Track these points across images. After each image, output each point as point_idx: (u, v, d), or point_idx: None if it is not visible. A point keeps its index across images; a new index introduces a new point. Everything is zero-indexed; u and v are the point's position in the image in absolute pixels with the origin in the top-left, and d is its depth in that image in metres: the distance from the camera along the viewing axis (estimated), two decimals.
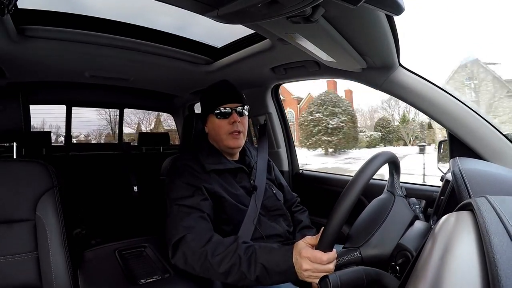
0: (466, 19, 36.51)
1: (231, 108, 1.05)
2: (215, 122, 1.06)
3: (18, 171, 0.95)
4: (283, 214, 1.12)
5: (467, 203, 0.42)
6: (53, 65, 1.41)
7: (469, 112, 1.00)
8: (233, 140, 1.05)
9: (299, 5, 0.54)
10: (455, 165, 0.73)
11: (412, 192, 1.19)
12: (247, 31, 1.16)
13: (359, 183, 0.60)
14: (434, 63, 6.36)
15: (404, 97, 1.09)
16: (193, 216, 0.89)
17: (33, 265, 0.91)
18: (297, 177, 1.83)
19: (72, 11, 1.10)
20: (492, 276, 0.26)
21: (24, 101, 0.98)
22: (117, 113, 10.25)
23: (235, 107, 1.06)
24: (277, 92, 1.81)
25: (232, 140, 1.05)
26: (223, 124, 1.05)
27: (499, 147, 0.97)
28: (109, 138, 14.54)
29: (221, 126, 1.05)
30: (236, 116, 1.04)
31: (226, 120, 1.04)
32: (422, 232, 0.70)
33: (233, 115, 1.04)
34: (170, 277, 0.99)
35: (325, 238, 0.64)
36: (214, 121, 1.06)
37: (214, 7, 0.64)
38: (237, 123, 1.04)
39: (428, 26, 40.37)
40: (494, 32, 32.56)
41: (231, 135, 1.05)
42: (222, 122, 1.05)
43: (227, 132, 1.04)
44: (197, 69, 1.51)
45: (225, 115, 1.05)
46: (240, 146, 1.09)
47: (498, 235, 0.31)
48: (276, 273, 0.73)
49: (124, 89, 1.97)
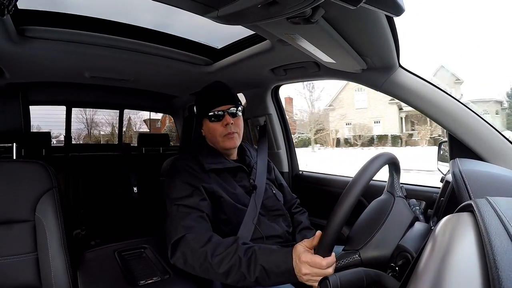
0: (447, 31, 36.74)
1: (223, 111, 1.05)
2: (209, 125, 1.07)
3: (18, 171, 0.94)
4: (283, 215, 1.12)
5: (468, 204, 0.42)
6: (53, 66, 1.41)
7: (469, 113, 1.00)
8: (228, 141, 1.06)
9: (299, 6, 0.54)
10: (455, 166, 0.73)
11: (412, 193, 1.19)
12: (247, 32, 1.16)
13: (357, 186, 0.60)
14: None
15: (404, 98, 1.09)
16: (193, 216, 0.89)
17: (33, 266, 0.91)
18: (297, 178, 1.82)
19: (72, 12, 1.10)
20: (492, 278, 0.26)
21: (24, 102, 0.98)
22: (92, 114, 10.00)
23: (227, 109, 1.06)
24: (277, 93, 1.81)
25: (227, 141, 1.06)
26: (217, 127, 1.05)
27: (499, 148, 0.96)
28: (86, 139, 14.82)
29: (215, 129, 1.05)
30: (229, 118, 1.05)
31: (219, 122, 1.05)
32: (422, 233, 0.70)
33: (226, 117, 1.05)
34: (169, 278, 0.98)
35: (324, 243, 0.64)
36: (208, 124, 1.07)
37: (214, 8, 0.64)
38: (230, 125, 1.04)
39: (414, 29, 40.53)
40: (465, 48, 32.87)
41: (226, 137, 1.05)
42: (216, 125, 1.05)
43: (222, 135, 1.05)
44: (197, 70, 1.51)
45: (218, 118, 1.05)
46: (236, 146, 1.10)
47: (498, 237, 0.31)
48: (275, 274, 0.73)
49: (124, 90, 1.97)
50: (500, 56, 28.16)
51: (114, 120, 14.53)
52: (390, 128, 19.34)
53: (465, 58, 28.55)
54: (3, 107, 0.95)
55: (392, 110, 19.48)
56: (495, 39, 31.47)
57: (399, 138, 18.61)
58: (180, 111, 2.60)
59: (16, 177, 0.94)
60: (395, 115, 19.48)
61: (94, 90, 2.04)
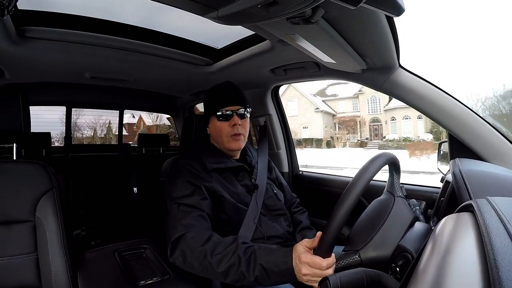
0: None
1: (232, 111, 1.05)
2: (216, 124, 1.07)
3: (18, 172, 0.94)
4: (284, 214, 1.12)
5: (468, 204, 0.42)
6: (53, 66, 1.41)
7: (469, 113, 1.00)
8: (233, 142, 1.06)
9: (299, 6, 0.54)
10: (455, 166, 0.73)
11: (412, 193, 1.19)
12: (247, 32, 1.16)
13: (357, 186, 0.60)
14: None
15: (404, 98, 1.09)
16: (193, 215, 0.89)
17: (33, 266, 0.91)
18: (297, 178, 1.82)
19: (72, 12, 1.10)
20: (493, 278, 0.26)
21: (24, 102, 0.98)
22: (76, 118, 9.86)
23: (237, 110, 1.06)
24: (277, 93, 1.81)
25: (233, 142, 1.06)
26: (224, 126, 1.05)
27: (499, 148, 0.96)
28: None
29: (222, 129, 1.06)
30: (237, 119, 1.05)
31: (227, 122, 1.05)
32: (422, 233, 0.70)
33: (234, 117, 1.05)
34: (169, 278, 0.98)
35: (324, 243, 0.64)
36: (216, 123, 1.07)
37: (214, 8, 0.64)
38: (238, 126, 1.05)
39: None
40: None
41: (232, 138, 1.05)
42: (223, 125, 1.05)
43: (228, 135, 1.05)
44: (197, 70, 1.51)
45: (226, 118, 1.05)
46: (241, 148, 1.10)
47: (499, 237, 0.31)
48: (275, 273, 0.73)
49: (124, 90, 1.97)
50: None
51: (96, 124, 16.29)
52: (316, 133, 24.11)
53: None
54: (3, 107, 0.95)
55: (318, 117, 24.28)
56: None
57: (321, 141, 23.48)
58: (180, 112, 2.60)
59: (16, 177, 0.93)
60: (320, 121, 24.17)
61: (94, 90, 2.04)
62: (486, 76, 27.85)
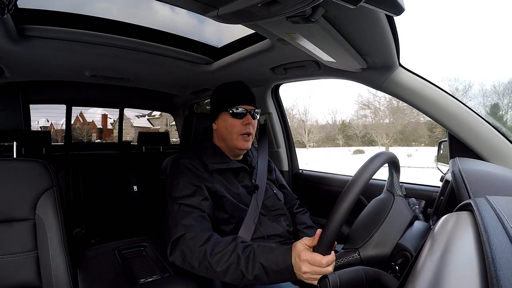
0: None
1: (246, 110, 1.06)
2: (228, 120, 1.06)
3: (18, 170, 0.95)
4: (283, 214, 1.12)
5: (467, 204, 0.42)
6: (53, 65, 1.41)
7: (469, 112, 1.00)
8: (243, 142, 1.06)
9: (299, 5, 0.54)
10: (454, 166, 0.73)
11: (411, 192, 1.19)
12: (247, 31, 1.16)
13: (357, 185, 0.60)
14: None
15: (404, 97, 1.09)
16: (194, 215, 0.89)
17: (33, 264, 0.91)
18: (297, 177, 1.83)
19: (72, 11, 1.10)
20: (491, 276, 0.26)
21: (24, 101, 0.98)
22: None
23: (250, 110, 1.07)
24: (277, 92, 1.81)
25: (242, 142, 1.06)
26: (236, 123, 1.05)
27: (498, 147, 0.97)
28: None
29: (234, 125, 1.05)
30: (250, 118, 1.06)
31: (240, 120, 1.05)
32: (421, 232, 0.70)
33: (247, 116, 1.06)
34: (169, 276, 0.99)
35: (324, 241, 0.64)
36: (227, 119, 1.06)
37: (214, 7, 0.64)
38: (250, 125, 1.05)
39: None
40: None
41: (242, 136, 1.06)
42: (236, 122, 1.05)
43: (239, 133, 1.05)
44: (197, 69, 1.51)
45: (240, 116, 1.05)
46: (248, 148, 1.10)
47: (497, 236, 0.31)
48: (274, 272, 0.73)
49: (124, 88, 1.97)
50: None
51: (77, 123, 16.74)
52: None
53: None
54: (3, 106, 0.95)
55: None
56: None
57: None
58: (180, 110, 2.60)
59: (16, 175, 0.94)
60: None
61: (94, 89, 2.04)
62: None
